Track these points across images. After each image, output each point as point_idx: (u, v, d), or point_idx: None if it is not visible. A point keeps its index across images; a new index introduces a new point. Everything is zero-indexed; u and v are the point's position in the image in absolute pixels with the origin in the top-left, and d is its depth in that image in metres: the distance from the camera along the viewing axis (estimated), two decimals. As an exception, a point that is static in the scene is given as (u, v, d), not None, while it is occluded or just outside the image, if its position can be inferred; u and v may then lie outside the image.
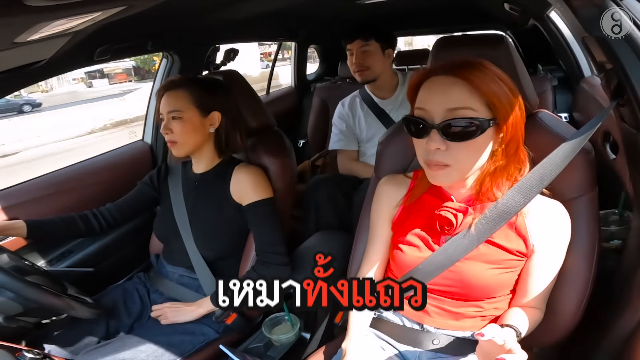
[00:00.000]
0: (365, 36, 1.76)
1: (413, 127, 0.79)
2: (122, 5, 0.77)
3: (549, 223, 0.82)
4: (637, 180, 0.83)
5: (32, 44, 0.82)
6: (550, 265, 0.83)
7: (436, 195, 0.88)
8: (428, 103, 0.77)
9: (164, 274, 1.32)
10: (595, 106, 1.75)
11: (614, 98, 0.82)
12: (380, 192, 0.97)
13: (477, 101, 0.74)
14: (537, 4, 1.85)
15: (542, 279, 0.83)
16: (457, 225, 0.81)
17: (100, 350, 1.07)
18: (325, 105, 2.48)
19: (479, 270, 0.82)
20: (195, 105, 1.18)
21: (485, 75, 0.74)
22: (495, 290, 0.83)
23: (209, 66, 1.93)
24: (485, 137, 0.75)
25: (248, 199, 1.21)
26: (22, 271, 1.03)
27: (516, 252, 0.82)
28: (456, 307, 0.87)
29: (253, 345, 1.25)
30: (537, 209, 0.82)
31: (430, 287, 0.87)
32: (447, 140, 0.75)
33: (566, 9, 0.84)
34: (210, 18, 1.51)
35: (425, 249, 0.87)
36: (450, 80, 0.75)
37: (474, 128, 0.73)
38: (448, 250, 0.82)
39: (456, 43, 1.00)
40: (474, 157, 0.77)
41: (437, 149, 0.75)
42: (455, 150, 0.75)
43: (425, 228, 0.87)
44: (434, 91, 0.77)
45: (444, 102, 0.75)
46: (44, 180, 1.50)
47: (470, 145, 0.75)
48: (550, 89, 2.29)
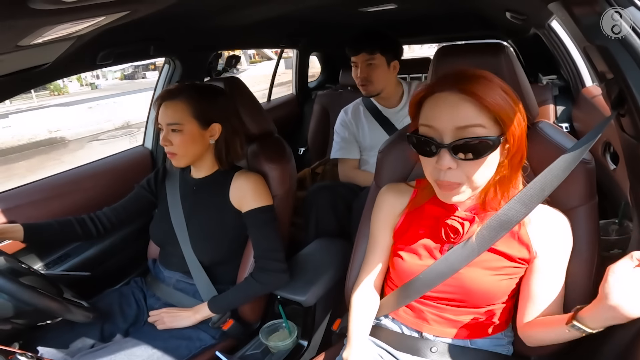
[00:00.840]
0: (371, 49, 1.74)
1: (421, 145, 0.78)
2: (125, 10, 0.77)
3: (551, 230, 0.82)
4: (638, 190, 0.82)
5: (35, 48, 0.83)
6: (555, 268, 0.82)
7: (440, 205, 0.87)
8: (436, 121, 0.75)
9: (160, 279, 1.31)
10: (596, 116, 1.75)
11: (614, 108, 0.82)
12: (382, 201, 0.97)
13: (486, 117, 0.73)
14: (538, 13, 1.86)
15: (549, 282, 0.82)
16: (463, 234, 0.82)
17: (95, 354, 1.06)
18: (326, 112, 2.48)
19: (478, 276, 0.82)
20: (194, 117, 1.16)
21: (491, 89, 0.73)
22: (495, 296, 0.84)
23: (211, 72, 1.94)
24: (495, 153, 0.75)
25: (248, 206, 1.20)
26: (18, 274, 1.03)
27: (518, 260, 0.82)
28: (455, 314, 0.87)
29: (250, 352, 1.24)
30: (539, 217, 0.82)
31: (430, 295, 0.87)
32: (457, 160, 0.74)
33: (567, 17, 0.84)
34: (213, 24, 1.52)
35: (427, 257, 0.87)
36: (458, 97, 0.73)
37: (486, 146, 0.72)
38: (449, 259, 0.82)
39: (457, 52, 1.01)
40: (485, 173, 0.76)
41: (448, 168, 0.74)
42: (466, 168, 0.74)
43: (429, 236, 0.87)
44: (441, 109, 0.74)
45: (453, 120, 0.73)
46: (42, 184, 1.50)
47: (480, 163, 0.74)
48: (551, 98, 2.29)
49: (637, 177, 0.81)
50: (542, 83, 2.42)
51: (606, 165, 1.50)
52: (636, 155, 0.78)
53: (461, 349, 0.88)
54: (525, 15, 1.92)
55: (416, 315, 0.91)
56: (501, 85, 0.75)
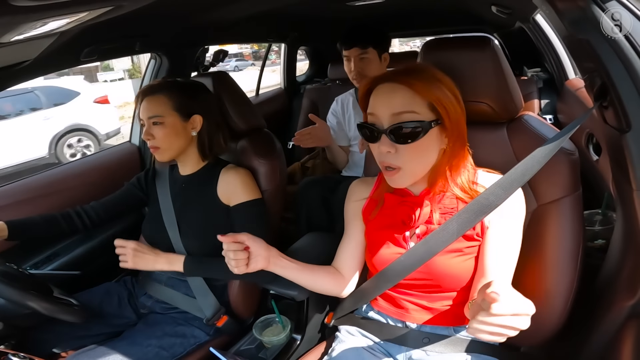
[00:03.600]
0: (364, 43, 1.74)
1: (367, 132, 0.85)
2: (109, 6, 0.76)
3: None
4: (620, 180, 0.85)
5: (16, 45, 0.81)
6: (502, 238, 0.83)
7: (397, 192, 0.93)
8: (376, 109, 0.82)
9: (152, 277, 1.30)
10: (579, 107, 1.78)
11: (597, 100, 0.84)
12: (351, 192, 1.04)
13: (419, 104, 0.79)
14: (523, 7, 1.88)
15: (499, 252, 0.83)
16: (416, 218, 0.86)
17: (89, 354, 1.06)
18: (315, 106, 2.48)
19: (443, 260, 0.85)
20: (175, 109, 1.17)
21: (424, 78, 0.79)
22: (462, 277, 0.85)
23: (198, 67, 1.92)
24: (430, 137, 0.80)
25: (236, 200, 1.20)
26: (5, 274, 1.01)
27: (475, 237, 0.85)
28: (430, 301, 0.89)
29: (244, 348, 1.24)
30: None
31: (405, 282, 0.89)
32: (395, 144, 0.80)
33: (551, 11, 0.86)
34: (200, 19, 1.50)
35: (393, 246, 0.90)
36: (394, 87, 0.80)
37: (418, 130, 0.79)
38: (429, 242, 0.84)
39: (443, 45, 1.01)
40: (422, 157, 0.83)
41: (387, 152, 0.81)
42: (404, 152, 0.81)
43: (391, 225, 0.92)
44: (380, 98, 0.82)
45: (389, 107, 0.80)
46: (27, 183, 1.47)
47: (417, 147, 0.80)
48: (535, 90, 2.33)
49: (620, 167, 0.83)
50: (527, 76, 2.46)
51: (589, 156, 1.53)
52: (618, 146, 0.80)
53: (448, 339, 0.89)
54: (510, 9, 1.94)
55: (395, 305, 0.94)
56: (437, 76, 0.81)
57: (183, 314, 1.24)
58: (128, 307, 1.29)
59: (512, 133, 0.97)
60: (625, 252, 0.84)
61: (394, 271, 0.88)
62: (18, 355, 0.80)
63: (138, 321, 1.26)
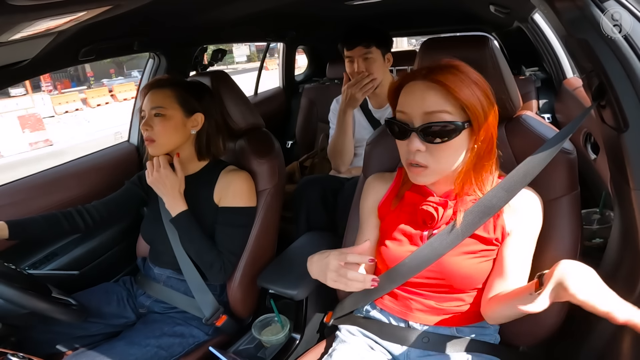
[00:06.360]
0: (367, 43, 1.71)
1: (396, 129, 0.84)
2: (107, 5, 0.76)
3: (521, 209, 0.85)
4: (618, 180, 0.85)
5: (14, 44, 0.81)
6: (523, 243, 0.85)
7: (418, 191, 0.92)
8: (407, 107, 0.81)
9: (151, 277, 1.30)
10: (577, 107, 1.79)
11: (595, 99, 0.84)
12: (368, 188, 1.02)
13: (452, 105, 0.78)
14: (521, 7, 1.89)
15: (516, 257, 0.84)
16: (438, 219, 0.86)
17: (88, 354, 1.06)
18: (314, 105, 2.48)
19: (457, 261, 0.85)
20: (179, 104, 1.18)
21: (459, 79, 0.78)
22: (475, 279, 0.86)
23: (197, 67, 1.92)
24: (461, 138, 0.80)
25: (225, 202, 1.21)
26: (3, 274, 1.01)
27: (493, 241, 0.85)
28: (439, 301, 0.89)
29: (243, 347, 1.24)
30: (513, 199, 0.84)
31: (415, 281, 0.89)
32: (426, 143, 0.80)
33: (549, 11, 0.86)
34: (198, 19, 1.49)
35: (408, 244, 0.90)
36: (427, 85, 0.79)
37: (450, 130, 0.78)
38: (434, 244, 0.84)
39: (442, 45, 1.02)
40: (451, 157, 0.82)
41: (417, 150, 0.80)
42: (433, 151, 0.80)
43: (409, 223, 0.91)
44: (412, 96, 0.81)
45: (422, 106, 0.79)
46: (24, 183, 1.46)
47: (447, 147, 0.80)
48: (534, 90, 2.33)
49: (617, 167, 0.83)
50: (525, 75, 2.46)
51: (587, 156, 1.54)
52: (616, 146, 0.80)
53: (448, 338, 0.89)
54: (508, 8, 1.94)
55: (401, 304, 0.93)
56: (472, 76, 0.80)
57: (182, 314, 1.24)
58: (127, 307, 1.29)
59: (510, 132, 0.97)
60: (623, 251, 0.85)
61: (398, 273, 0.88)
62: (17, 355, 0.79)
63: (137, 321, 1.26)
